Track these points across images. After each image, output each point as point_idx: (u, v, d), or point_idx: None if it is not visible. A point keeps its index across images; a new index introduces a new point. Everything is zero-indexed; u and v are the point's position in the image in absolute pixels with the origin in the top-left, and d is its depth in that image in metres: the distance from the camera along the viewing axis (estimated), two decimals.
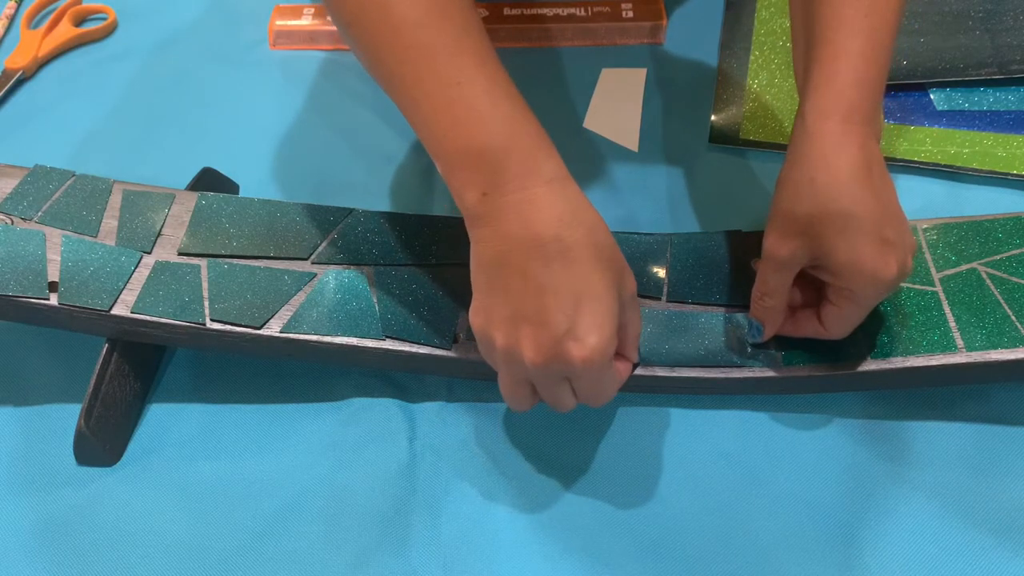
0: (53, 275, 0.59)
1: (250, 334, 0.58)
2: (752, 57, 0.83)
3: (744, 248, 0.65)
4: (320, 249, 0.63)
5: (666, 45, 0.87)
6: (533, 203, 0.49)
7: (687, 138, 0.78)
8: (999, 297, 0.60)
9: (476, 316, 0.52)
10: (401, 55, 0.51)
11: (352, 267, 0.62)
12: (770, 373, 0.59)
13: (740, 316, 0.61)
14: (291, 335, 0.58)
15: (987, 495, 0.57)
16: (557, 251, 0.48)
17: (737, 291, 0.63)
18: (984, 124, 0.77)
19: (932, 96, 0.79)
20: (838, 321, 0.56)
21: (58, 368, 0.64)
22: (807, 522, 0.56)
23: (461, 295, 0.61)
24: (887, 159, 0.70)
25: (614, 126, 0.79)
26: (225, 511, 0.57)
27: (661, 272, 0.64)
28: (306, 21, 0.88)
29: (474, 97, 0.50)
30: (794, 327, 0.58)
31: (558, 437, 0.60)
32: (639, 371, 0.59)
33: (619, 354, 0.53)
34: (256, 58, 0.87)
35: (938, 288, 0.61)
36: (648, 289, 0.63)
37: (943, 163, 0.74)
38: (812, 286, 0.57)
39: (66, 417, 0.60)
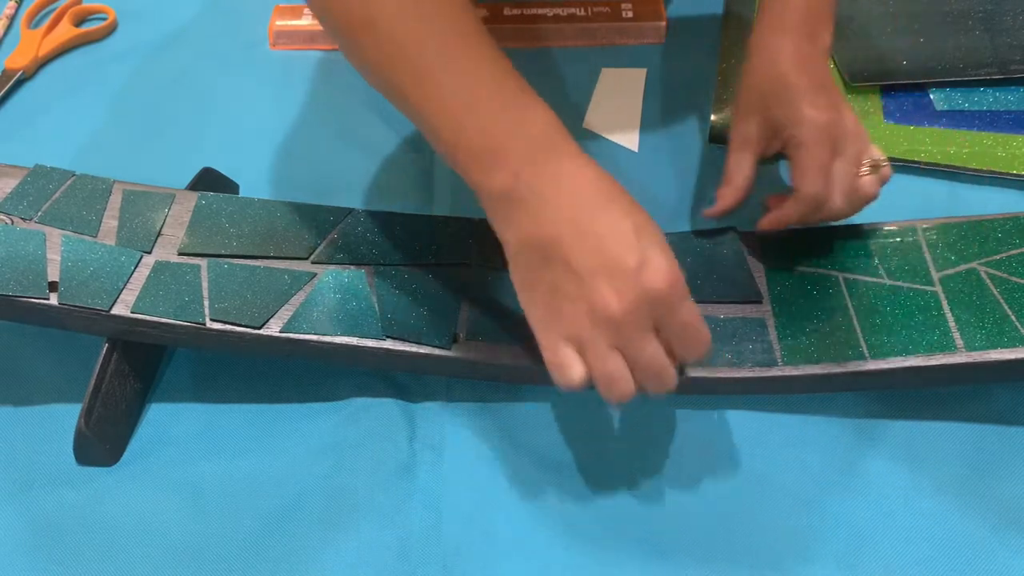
0: (53, 275, 0.59)
1: (250, 334, 0.58)
2: None
3: (743, 247, 0.65)
4: (320, 249, 0.63)
5: (666, 45, 0.87)
6: (569, 172, 0.51)
7: (687, 138, 0.78)
8: (999, 297, 0.60)
9: (543, 310, 0.51)
10: (414, 60, 0.52)
11: (352, 267, 0.62)
12: (770, 373, 0.59)
13: (729, 319, 0.61)
14: (291, 335, 0.58)
15: (987, 495, 0.57)
16: (603, 202, 0.50)
17: (736, 290, 0.63)
18: (984, 124, 0.77)
19: (932, 96, 0.79)
20: (798, 173, 0.61)
21: (58, 368, 0.64)
22: (807, 522, 0.56)
23: (461, 295, 0.61)
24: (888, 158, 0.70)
25: (614, 126, 0.79)
26: (225, 511, 0.57)
27: None
28: (306, 21, 0.88)
29: (497, 88, 0.52)
30: (777, 217, 0.63)
31: (558, 437, 0.60)
32: None
33: None
34: (256, 58, 0.87)
35: (938, 288, 0.61)
36: None
37: (943, 163, 0.74)
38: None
39: (66, 417, 0.60)
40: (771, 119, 0.62)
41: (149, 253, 0.61)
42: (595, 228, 0.50)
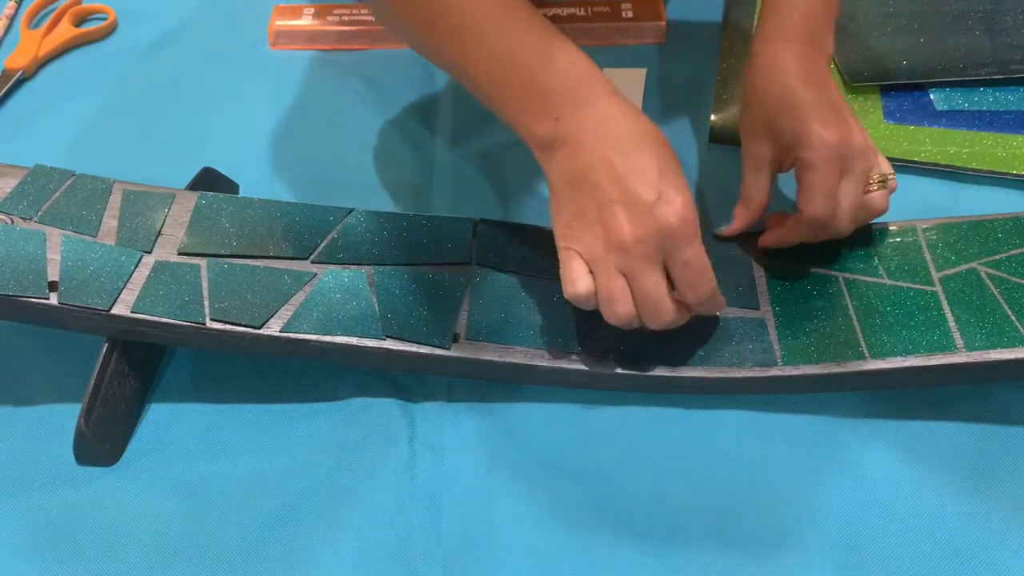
0: (53, 275, 0.59)
1: (250, 334, 0.58)
2: None
3: (744, 248, 0.65)
4: (320, 249, 0.63)
5: (666, 45, 0.87)
6: (603, 112, 0.56)
7: (687, 138, 0.78)
8: (998, 297, 0.60)
9: (567, 228, 0.57)
10: (456, 21, 0.57)
11: (352, 267, 0.62)
12: (770, 373, 0.59)
13: (729, 319, 0.61)
14: (291, 335, 0.58)
15: (987, 495, 0.57)
16: (634, 142, 0.55)
17: (737, 291, 0.63)
18: (984, 124, 0.77)
19: (932, 96, 0.79)
20: (807, 194, 0.60)
21: (58, 368, 0.64)
22: (807, 522, 0.56)
23: (461, 295, 0.61)
24: (887, 159, 0.70)
25: None
26: (225, 511, 0.57)
27: None
28: (306, 21, 0.88)
29: (533, 41, 0.57)
30: (779, 236, 0.64)
31: (558, 437, 0.60)
32: (638, 371, 0.59)
33: None
34: (256, 58, 0.87)
35: (938, 288, 0.61)
36: None
37: (943, 163, 0.74)
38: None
39: (66, 417, 0.60)
40: (781, 136, 0.62)
41: (149, 253, 0.61)
42: (623, 167, 0.55)
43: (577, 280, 0.56)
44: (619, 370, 0.59)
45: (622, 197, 0.54)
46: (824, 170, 0.60)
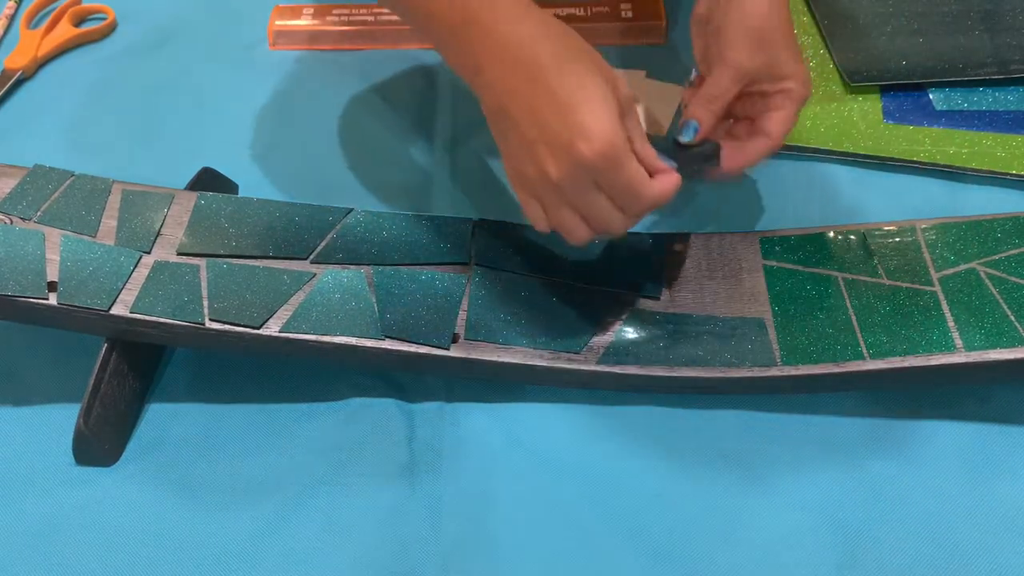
0: (52, 275, 0.59)
1: (249, 334, 0.58)
2: None
3: (744, 250, 0.65)
4: (319, 249, 0.63)
5: (666, 45, 0.87)
6: (502, 39, 0.54)
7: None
8: (998, 297, 0.60)
9: (512, 169, 0.57)
10: None
11: (351, 267, 0.62)
12: (770, 373, 0.59)
13: (729, 319, 0.61)
14: (290, 335, 0.58)
15: (987, 495, 0.57)
16: (536, 71, 0.53)
17: (737, 291, 0.63)
18: (983, 124, 0.77)
19: (931, 96, 0.79)
20: (782, 121, 0.63)
21: (57, 368, 0.64)
22: (807, 522, 0.56)
23: (461, 295, 0.61)
24: (884, 158, 0.70)
25: None
26: (225, 511, 0.57)
27: (661, 272, 0.64)
28: (306, 21, 0.88)
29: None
30: (743, 154, 0.63)
31: (558, 437, 0.60)
32: (638, 371, 0.59)
33: (651, 171, 0.56)
34: (256, 58, 0.87)
35: (937, 288, 0.61)
36: (648, 289, 0.63)
37: (942, 163, 0.74)
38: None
39: (65, 416, 0.60)
40: (773, 63, 0.62)
41: (148, 253, 0.61)
42: (535, 99, 0.53)
43: (537, 220, 0.57)
44: (619, 370, 0.59)
45: (541, 135, 0.53)
46: (798, 102, 0.62)
